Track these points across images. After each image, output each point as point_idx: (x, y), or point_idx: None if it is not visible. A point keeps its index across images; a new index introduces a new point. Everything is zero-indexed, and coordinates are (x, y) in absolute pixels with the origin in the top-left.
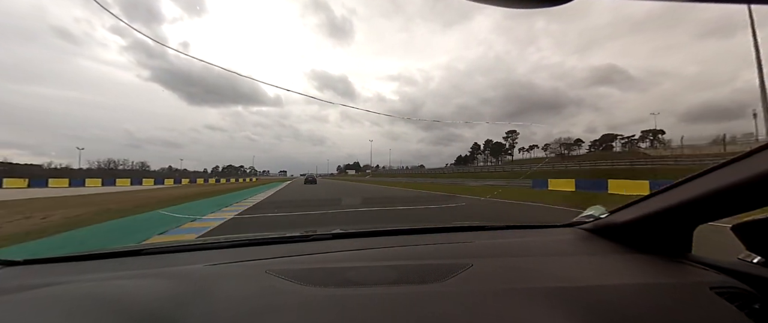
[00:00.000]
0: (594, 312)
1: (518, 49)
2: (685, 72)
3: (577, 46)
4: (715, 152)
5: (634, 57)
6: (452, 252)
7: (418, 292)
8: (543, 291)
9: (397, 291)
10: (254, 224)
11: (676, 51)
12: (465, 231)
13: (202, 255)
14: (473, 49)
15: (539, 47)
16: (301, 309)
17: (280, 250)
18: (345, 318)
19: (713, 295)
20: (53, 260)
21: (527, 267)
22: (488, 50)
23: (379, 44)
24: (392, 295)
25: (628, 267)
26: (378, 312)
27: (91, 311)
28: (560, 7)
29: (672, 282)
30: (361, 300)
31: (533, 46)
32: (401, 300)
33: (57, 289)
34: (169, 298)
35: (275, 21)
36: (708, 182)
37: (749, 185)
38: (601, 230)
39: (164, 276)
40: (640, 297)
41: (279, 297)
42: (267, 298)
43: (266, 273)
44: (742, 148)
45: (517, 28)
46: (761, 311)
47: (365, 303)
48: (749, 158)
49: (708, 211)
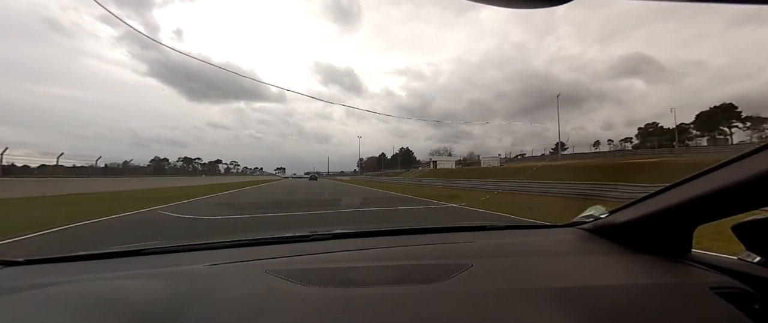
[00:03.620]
0: (594, 312)
1: (536, 40)
2: (714, 63)
3: (601, 34)
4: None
5: (663, 47)
6: (452, 252)
7: (419, 292)
8: (543, 291)
9: (398, 291)
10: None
11: (706, 40)
12: (465, 231)
13: (202, 255)
14: (487, 40)
15: (558, 36)
16: (301, 309)
17: (280, 250)
18: (345, 318)
19: (713, 295)
20: (53, 260)
21: (527, 267)
22: (503, 41)
23: (386, 35)
24: (392, 295)
25: (628, 267)
26: (378, 312)
27: (91, 311)
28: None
29: (672, 282)
30: (361, 300)
31: (552, 36)
32: (401, 300)
33: (57, 289)
34: (169, 298)
35: (276, 7)
36: (708, 182)
37: (749, 185)
38: (601, 230)
39: (164, 276)
40: (640, 297)
41: (279, 297)
42: (267, 298)
43: (266, 273)
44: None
45: (536, 17)
46: (761, 311)
47: (365, 303)
48: (749, 158)
49: (708, 211)
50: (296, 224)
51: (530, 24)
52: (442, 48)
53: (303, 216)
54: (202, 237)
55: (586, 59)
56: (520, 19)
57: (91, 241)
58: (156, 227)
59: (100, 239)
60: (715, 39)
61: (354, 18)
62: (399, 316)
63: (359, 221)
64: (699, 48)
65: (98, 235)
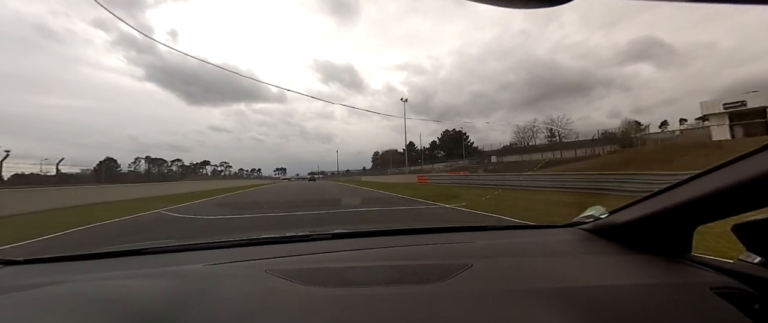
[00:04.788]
0: (594, 313)
1: (539, 28)
2: (725, 44)
3: (607, 19)
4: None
5: (673, 28)
6: (452, 252)
7: (418, 292)
8: (543, 291)
9: (397, 291)
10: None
11: (718, 21)
12: (465, 231)
13: (202, 254)
14: (488, 30)
15: (562, 24)
16: (301, 309)
17: (280, 250)
18: (345, 318)
19: (713, 295)
20: (53, 259)
21: (527, 267)
22: (504, 31)
23: (385, 30)
24: (392, 295)
25: (628, 267)
26: (378, 312)
27: (91, 311)
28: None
29: (672, 282)
30: (361, 300)
31: (556, 23)
32: (401, 300)
33: (57, 289)
34: (169, 298)
35: (272, 3)
36: (708, 182)
37: (749, 185)
38: (601, 230)
39: (164, 276)
40: (640, 297)
41: (279, 297)
42: (267, 298)
43: (266, 273)
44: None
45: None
46: (761, 311)
47: (365, 303)
48: (749, 158)
49: (708, 211)
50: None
51: (532, 12)
52: (441, 41)
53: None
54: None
55: (591, 46)
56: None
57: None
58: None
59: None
60: (725, 20)
61: (352, 12)
62: (399, 316)
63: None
64: (711, 28)
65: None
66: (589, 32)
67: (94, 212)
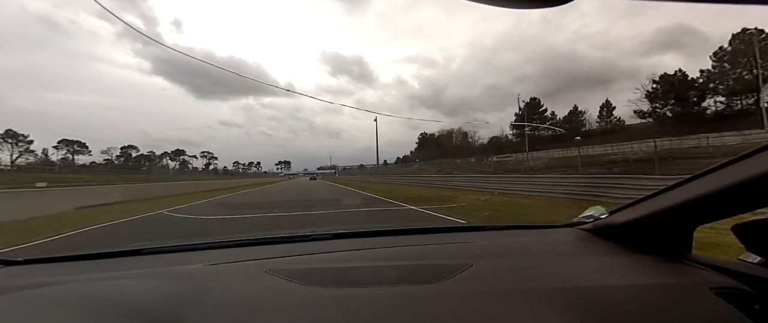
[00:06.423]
0: (594, 313)
1: (557, 17)
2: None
3: (631, 7)
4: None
5: (705, 15)
6: (452, 252)
7: (418, 292)
8: (543, 291)
9: (397, 291)
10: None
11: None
12: (465, 231)
13: (202, 254)
14: (501, 20)
15: (582, 12)
16: (301, 309)
17: (280, 250)
18: (345, 318)
19: (713, 295)
20: (53, 259)
21: (527, 267)
22: (520, 20)
23: (394, 21)
24: (392, 295)
25: (627, 267)
26: (378, 312)
27: (91, 311)
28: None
29: (672, 282)
30: (361, 300)
31: (575, 12)
32: (401, 300)
33: (57, 289)
34: (169, 298)
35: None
36: (708, 182)
37: (749, 185)
38: (601, 230)
39: (164, 276)
40: (640, 297)
41: (279, 297)
42: (267, 298)
43: (266, 273)
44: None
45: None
46: (761, 311)
47: (365, 303)
48: (749, 158)
49: (708, 211)
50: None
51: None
52: (453, 32)
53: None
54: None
55: (612, 36)
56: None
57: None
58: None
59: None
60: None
61: (361, 1)
62: (398, 316)
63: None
64: (743, 14)
65: None
66: (612, 20)
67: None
